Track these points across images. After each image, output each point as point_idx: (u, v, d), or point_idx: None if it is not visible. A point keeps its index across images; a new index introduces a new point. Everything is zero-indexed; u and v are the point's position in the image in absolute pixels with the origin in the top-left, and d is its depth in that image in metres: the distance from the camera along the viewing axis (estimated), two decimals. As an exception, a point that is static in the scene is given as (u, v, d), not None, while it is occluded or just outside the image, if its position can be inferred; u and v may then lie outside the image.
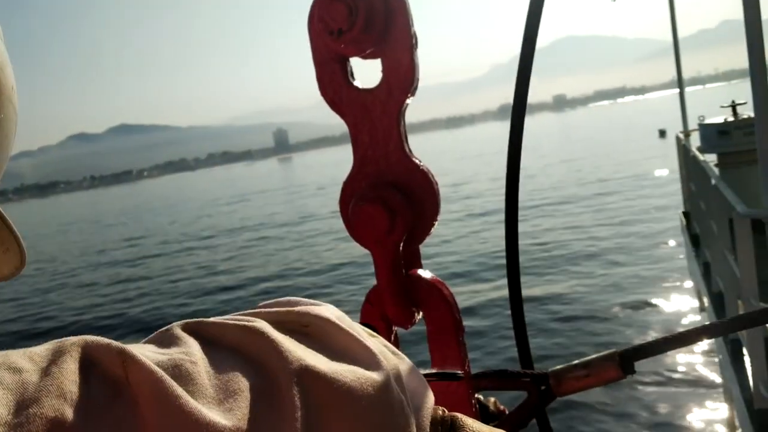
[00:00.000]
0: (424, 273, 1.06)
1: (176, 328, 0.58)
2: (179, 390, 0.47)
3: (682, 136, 9.69)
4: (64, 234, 54.73)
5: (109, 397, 0.46)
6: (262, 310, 0.64)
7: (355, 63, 1.20)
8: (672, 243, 15.48)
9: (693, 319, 10.60)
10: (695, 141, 8.84)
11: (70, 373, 0.46)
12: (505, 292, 1.09)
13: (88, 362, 0.48)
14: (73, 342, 0.50)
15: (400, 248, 1.04)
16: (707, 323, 0.99)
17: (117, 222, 59.39)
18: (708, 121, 8.28)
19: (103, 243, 40.57)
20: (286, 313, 0.63)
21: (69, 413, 0.43)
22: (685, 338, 0.94)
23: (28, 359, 0.48)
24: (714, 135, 7.94)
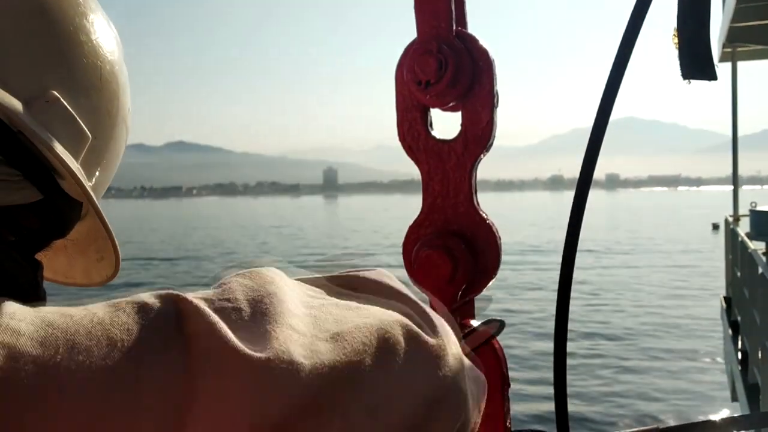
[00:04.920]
0: (476, 324, 1.08)
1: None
2: (230, 332, 0.47)
3: (731, 219, 9.50)
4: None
5: (162, 342, 0.47)
6: (310, 276, 0.65)
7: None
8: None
9: (722, 407, 10.43)
10: (745, 227, 8.67)
11: (121, 323, 0.47)
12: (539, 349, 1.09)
13: (142, 312, 0.48)
14: (129, 297, 0.51)
15: (458, 298, 1.06)
16: (750, 413, 0.99)
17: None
18: (760, 208, 8.13)
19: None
20: (334, 277, 0.64)
21: (121, 361, 0.44)
22: (727, 426, 0.93)
23: (83, 309, 0.49)
24: (765, 222, 7.79)
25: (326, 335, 0.51)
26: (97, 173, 0.68)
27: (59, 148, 0.59)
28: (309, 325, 0.51)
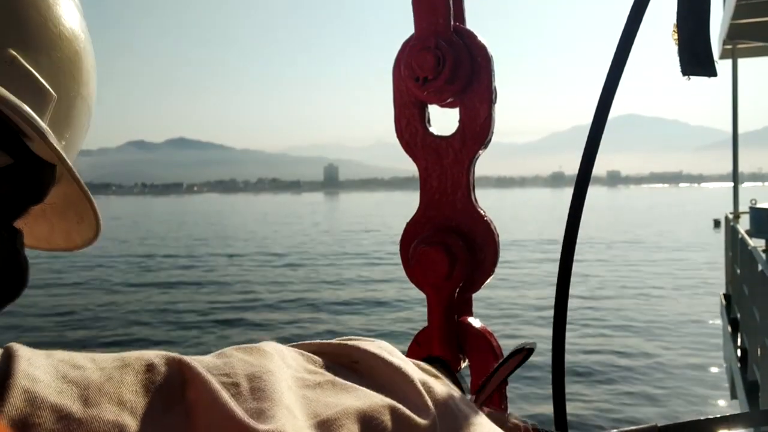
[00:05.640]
0: (474, 321, 1.07)
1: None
2: (231, 402, 0.50)
3: (731, 216, 9.47)
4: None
5: (165, 406, 0.49)
6: (315, 341, 0.66)
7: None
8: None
9: (721, 404, 10.45)
10: (745, 224, 8.65)
11: (129, 383, 0.49)
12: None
13: (149, 373, 0.50)
14: (137, 355, 0.52)
15: (455, 294, 1.06)
16: (749, 411, 0.98)
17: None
18: (760, 205, 8.13)
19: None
20: (336, 346, 0.65)
21: (127, 420, 0.46)
22: (726, 423, 0.93)
23: (90, 360, 0.50)
24: (765, 220, 7.80)
25: (314, 421, 0.53)
26: (67, 135, 0.66)
27: (24, 108, 0.56)
28: (300, 408, 0.53)
